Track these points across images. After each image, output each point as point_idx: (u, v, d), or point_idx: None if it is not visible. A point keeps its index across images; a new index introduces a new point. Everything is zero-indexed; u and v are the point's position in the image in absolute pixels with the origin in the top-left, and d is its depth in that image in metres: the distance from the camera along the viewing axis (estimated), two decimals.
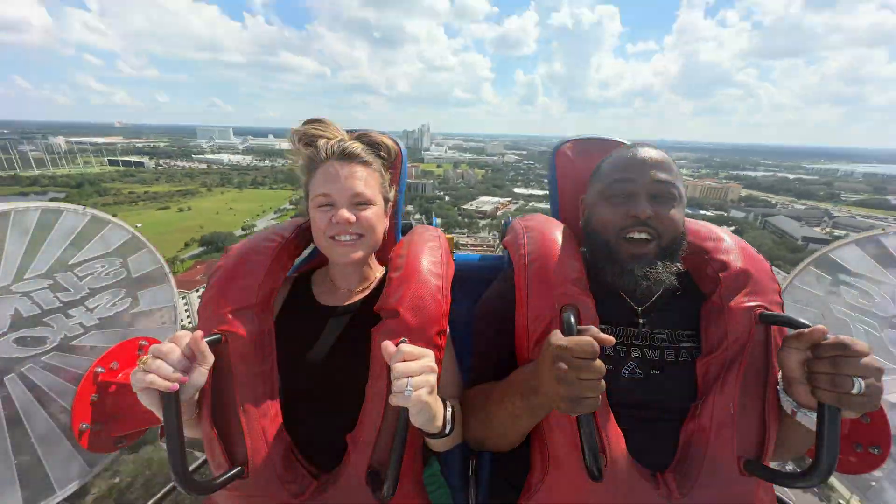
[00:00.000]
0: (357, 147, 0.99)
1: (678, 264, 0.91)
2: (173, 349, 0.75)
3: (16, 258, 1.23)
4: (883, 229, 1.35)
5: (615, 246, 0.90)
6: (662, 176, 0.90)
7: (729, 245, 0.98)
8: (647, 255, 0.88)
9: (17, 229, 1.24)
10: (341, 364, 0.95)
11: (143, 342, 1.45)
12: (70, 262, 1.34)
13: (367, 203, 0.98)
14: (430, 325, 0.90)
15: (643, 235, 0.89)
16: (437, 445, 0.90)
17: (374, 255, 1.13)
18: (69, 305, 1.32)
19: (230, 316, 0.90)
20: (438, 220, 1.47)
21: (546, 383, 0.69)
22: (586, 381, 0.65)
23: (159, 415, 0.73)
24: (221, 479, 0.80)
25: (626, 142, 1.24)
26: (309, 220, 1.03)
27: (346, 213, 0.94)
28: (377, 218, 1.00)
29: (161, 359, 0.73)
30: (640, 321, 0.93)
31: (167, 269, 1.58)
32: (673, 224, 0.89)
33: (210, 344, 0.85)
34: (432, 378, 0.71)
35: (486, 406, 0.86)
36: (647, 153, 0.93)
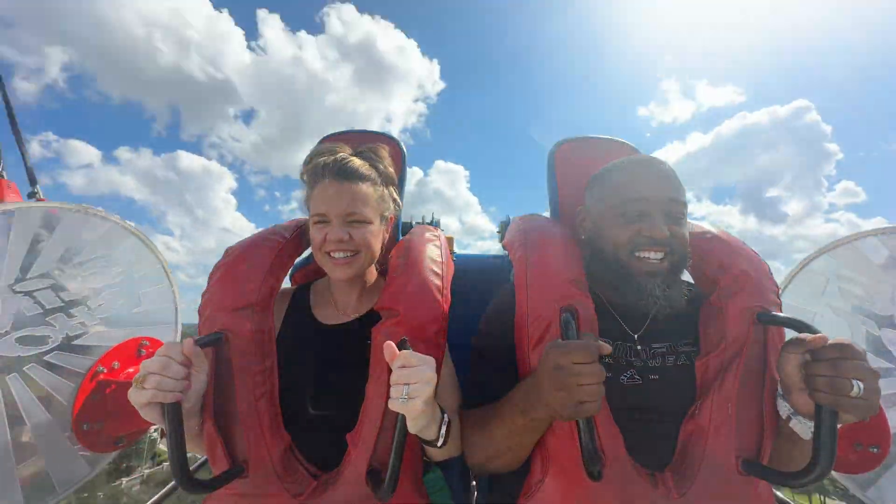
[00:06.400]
0: (355, 163, 0.97)
1: (686, 279, 0.90)
2: (167, 362, 0.74)
3: (18, 257, 1.24)
4: (881, 230, 1.35)
5: (628, 265, 0.88)
6: (676, 193, 0.89)
7: (727, 246, 0.98)
8: (663, 272, 0.87)
9: (19, 229, 1.24)
10: (341, 376, 0.95)
11: (145, 342, 1.45)
12: (72, 262, 1.35)
13: (362, 221, 0.97)
14: (429, 324, 0.90)
15: (658, 255, 0.87)
16: (434, 454, 0.90)
17: (374, 267, 1.11)
18: (71, 305, 1.33)
19: (231, 315, 0.91)
20: (440, 220, 1.47)
21: (546, 391, 0.69)
22: (586, 387, 0.65)
23: (163, 425, 0.74)
24: (221, 477, 0.80)
25: (626, 142, 1.23)
26: (309, 220, 1.03)
27: (339, 232, 0.94)
28: (373, 236, 0.99)
29: (157, 374, 0.72)
30: (637, 347, 0.91)
31: (168, 269, 1.59)
32: (685, 241, 0.89)
33: (211, 343, 0.86)
34: (429, 389, 0.71)
35: (487, 427, 0.86)
36: (660, 168, 0.90)
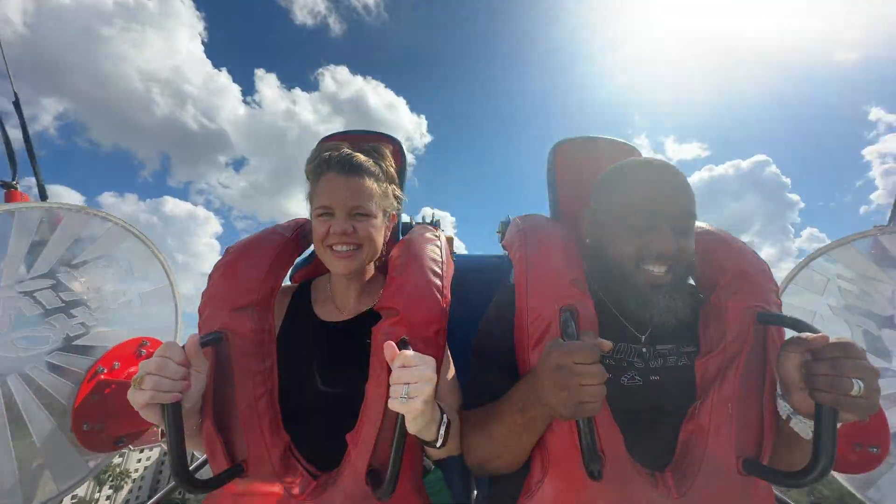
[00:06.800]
0: (359, 158, 0.98)
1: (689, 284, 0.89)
2: (165, 362, 0.74)
3: (19, 257, 1.24)
4: (880, 229, 1.35)
5: (632, 275, 0.86)
6: (686, 205, 0.86)
7: (727, 245, 0.98)
8: (667, 284, 0.86)
9: (20, 229, 1.25)
10: (341, 375, 0.95)
11: (145, 342, 1.45)
12: (72, 262, 1.35)
13: (366, 215, 0.97)
14: (429, 323, 0.90)
15: (663, 269, 0.85)
16: (433, 454, 0.90)
17: (374, 265, 1.11)
18: (71, 305, 1.33)
19: (231, 314, 0.91)
20: (439, 220, 1.47)
21: (547, 391, 0.69)
22: (588, 387, 0.65)
23: (162, 425, 0.74)
24: (221, 477, 0.80)
25: (627, 143, 1.22)
26: (308, 219, 1.03)
27: (343, 225, 0.94)
28: (376, 230, 0.99)
29: (155, 374, 0.72)
30: (643, 349, 0.90)
31: (168, 269, 1.59)
32: (691, 253, 0.88)
33: (211, 342, 0.86)
34: (429, 388, 0.71)
35: (486, 426, 0.85)
36: (672, 177, 0.87)
